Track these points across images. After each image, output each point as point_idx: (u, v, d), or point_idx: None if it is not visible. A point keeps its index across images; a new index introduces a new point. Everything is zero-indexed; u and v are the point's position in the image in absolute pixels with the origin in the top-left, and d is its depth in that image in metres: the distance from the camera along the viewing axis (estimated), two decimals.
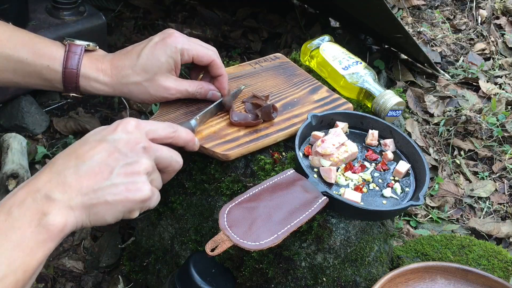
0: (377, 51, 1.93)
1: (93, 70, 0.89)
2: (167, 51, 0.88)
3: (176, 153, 0.76)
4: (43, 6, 1.60)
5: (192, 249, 1.00)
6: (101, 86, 0.90)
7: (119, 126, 0.71)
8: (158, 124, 0.75)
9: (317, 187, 0.82)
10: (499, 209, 1.48)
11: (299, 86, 1.06)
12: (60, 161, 0.67)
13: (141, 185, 0.69)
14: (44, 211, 0.63)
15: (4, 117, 1.54)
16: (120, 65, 0.89)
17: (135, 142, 0.70)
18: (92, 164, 0.67)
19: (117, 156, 0.68)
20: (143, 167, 0.69)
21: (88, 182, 0.66)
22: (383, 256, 0.92)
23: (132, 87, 0.90)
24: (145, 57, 0.88)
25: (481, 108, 1.74)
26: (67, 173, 0.66)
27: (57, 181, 0.65)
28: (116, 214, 0.68)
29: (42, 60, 0.87)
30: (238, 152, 0.89)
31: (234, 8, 2.12)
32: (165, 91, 0.90)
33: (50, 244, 0.63)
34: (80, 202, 0.65)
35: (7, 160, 1.36)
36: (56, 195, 0.64)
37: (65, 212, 0.64)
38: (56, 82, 0.89)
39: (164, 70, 0.89)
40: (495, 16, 2.23)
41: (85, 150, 0.68)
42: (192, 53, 0.90)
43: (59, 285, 1.20)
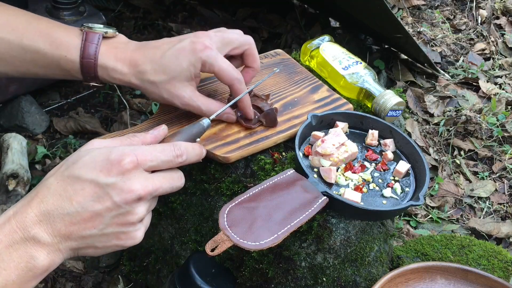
0: (377, 51, 1.93)
1: (111, 60, 0.85)
2: (191, 59, 0.83)
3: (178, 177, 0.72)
4: (43, 6, 1.60)
5: (192, 249, 1.00)
6: (119, 75, 0.86)
7: (115, 167, 0.65)
8: (161, 157, 0.70)
9: (317, 187, 0.82)
10: (499, 209, 1.48)
11: (299, 84, 1.06)
12: (50, 198, 0.64)
13: (133, 233, 0.68)
14: (32, 255, 0.62)
15: (4, 117, 1.54)
16: (140, 58, 0.85)
17: (130, 191, 0.65)
18: (82, 211, 0.64)
19: (109, 206, 0.65)
20: (136, 217, 0.67)
21: (77, 229, 0.64)
22: (383, 256, 0.92)
23: (147, 85, 0.86)
24: (168, 59, 0.84)
25: (481, 108, 1.74)
26: (57, 217, 0.64)
27: (46, 223, 0.63)
28: (103, 253, 0.69)
29: (60, 50, 0.84)
30: (238, 155, 0.89)
31: (234, 8, 2.12)
32: (177, 99, 0.86)
33: (33, 283, 0.63)
34: (69, 245, 0.65)
35: (7, 160, 1.36)
36: (45, 239, 0.63)
37: (53, 255, 0.64)
38: (75, 72, 0.86)
39: (183, 77, 0.85)
40: (495, 16, 2.23)
41: (75, 191, 0.64)
42: (213, 69, 0.85)
43: (59, 285, 1.20)
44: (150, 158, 0.68)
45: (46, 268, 0.64)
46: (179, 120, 0.93)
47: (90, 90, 1.72)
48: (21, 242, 0.62)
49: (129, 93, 1.72)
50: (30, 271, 0.62)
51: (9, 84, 1.49)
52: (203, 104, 0.87)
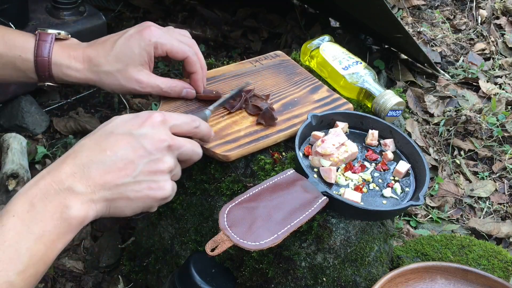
0: (377, 51, 1.93)
1: (65, 57, 0.88)
2: (141, 43, 0.88)
3: (197, 145, 0.77)
4: (43, 6, 1.60)
5: (192, 249, 1.00)
6: (74, 72, 0.89)
7: (146, 121, 0.70)
8: (182, 118, 0.76)
9: (317, 187, 0.82)
10: (499, 209, 1.48)
11: (299, 85, 1.06)
12: (84, 153, 0.67)
13: (163, 183, 0.70)
14: (66, 204, 0.64)
15: (4, 117, 1.54)
16: (93, 53, 0.89)
17: (160, 140, 0.70)
18: (116, 160, 0.67)
19: (142, 153, 0.68)
20: (166, 165, 0.70)
21: (112, 178, 0.66)
22: (383, 256, 0.92)
23: (103, 76, 0.89)
24: (119, 48, 0.88)
25: (481, 108, 1.74)
26: (91, 167, 0.66)
27: (80, 174, 0.65)
28: (135, 209, 0.70)
29: (14, 50, 0.87)
30: (238, 153, 0.89)
31: (234, 8, 2.13)
32: (136, 84, 0.89)
33: (69, 235, 0.64)
34: (103, 196, 0.66)
35: (7, 160, 1.36)
36: (79, 189, 0.65)
37: (87, 206, 0.65)
38: (30, 72, 0.88)
39: (137, 62, 0.88)
40: (495, 16, 2.23)
41: (110, 143, 0.68)
42: (165, 48, 0.89)
43: (59, 285, 1.20)
44: (174, 117, 0.74)
45: (80, 219, 0.64)
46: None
47: (90, 90, 1.72)
48: (55, 193, 0.63)
49: None
50: (65, 222, 0.63)
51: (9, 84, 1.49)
52: (162, 83, 0.91)
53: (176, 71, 1.82)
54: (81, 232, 1.29)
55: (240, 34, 2.01)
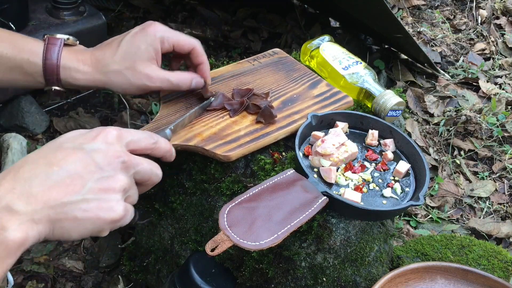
0: (377, 51, 1.93)
1: (73, 61, 0.88)
2: (147, 39, 0.88)
3: (156, 166, 0.71)
4: (43, 6, 1.60)
5: (192, 249, 1.00)
6: (82, 76, 0.88)
7: (99, 135, 0.65)
8: (139, 134, 0.71)
9: (317, 187, 0.82)
10: (499, 209, 1.48)
11: (298, 81, 1.06)
12: (27, 167, 0.61)
13: (114, 203, 0.63)
14: (3, 225, 0.57)
15: (4, 117, 1.54)
16: (100, 55, 0.89)
17: (114, 156, 0.64)
18: (64, 174, 0.61)
19: (93, 169, 0.62)
20: (119, 184, 0.64)
21: (57, 194, 0.60)
22: (383, 256, 0.92)
23: (112, 76, 0.88)
24: (125, 46, 0.88)
25: (481, 108, 1.74)
26: (34, 182, 0.59)
27: (21, 190, 0.59)
28: (83, 232, 0.63)
29: (22, 54, 0.86)
30: (239, 153, 0.89)
31: (234, 8, 2.13)
32: (146, 79, 0.88)
33: (9, 260, 0.58)
34: (46, 215, 0.59)
35: (7, 160, 1.36)
36: (18, 207, 0.58)
37: (27, 226, 0.58)
38: (38, 76, 0.87)
39: (145, 58, 0.88)
40: (495, 16, 2.23)
41: (57, 157, 0.62)
42: (172, 41, 0.90)
43: (59, 285, 1.20)
44: (130, 133, 0.69)
45: (19, 242, 0.57)
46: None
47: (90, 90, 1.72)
48: None
49: None
50: (1, 244, 0.56)
51: None
52: (171, 76, 0.90)
53: None
54: None
55: (240, 34, 2.01)
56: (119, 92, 0.92)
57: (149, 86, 0.90)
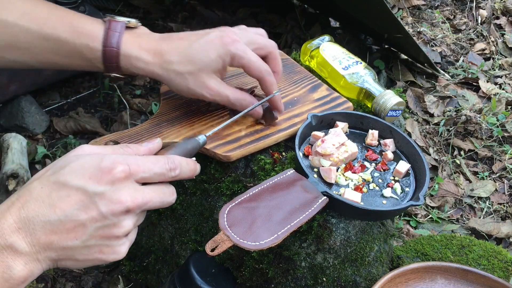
0: (377, 51, 1.93)
1: (135, 48, 0.83)
2: (220, 50, 0.83)
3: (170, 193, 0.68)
4: None
5: (192, 249, 1.00)
6: (143, 65, 0.84)
7: (105, 175, 0.62)
8: (155, 169, 0.66)
9: (317, 187, 0.82)
10: (499, 209, 1.48)
11: (298, 84, 1.06)
12: (32, 204, 0.61)
13: (117, 248, 0.64)
14: (8, 265, 0.59)
15: (4, 117, 1.54)
16: (166, 48, 0.84)
17: (119, 202, 0.61)
18: (65, 220, 0.60)
19: (95, 216, 0.61)
20: (123, 230, 0.63)
21: (58, 239, 0.61)
22: (383, 256, 0.92)
23: (173, 75, 0.84)
24: (195, 50, 0.83)
25: (481, 108, 1.74)
26: (37, 224, 0.60)
27: (25, 231, 0.60)
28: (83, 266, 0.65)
29: (82, 38, 0.82)
30: (239, 153, 0.89)
31: (234, 8, 2.13)
32: (205, 90, 0.85)
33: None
34: (48, 256, 0.61)
35: (7, 160, 1.36)
36: (22, 248, 0.59)
37: (31, 265, 0.60)
38: (97, 62, 0.84)
39: (211, 68, 0.84)
40: (495, 16, 2.23)
41: (60, 198, 0.61)
42: (242, 62, 0.85)
43: (59, 285, 1.20)
44: (142, 169, 0.65)
45: (23, 279, 0.60)
46: (180, 121, 0.93)
47: (90, 90, 1.72)
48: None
49: (129, 93, 1.72)
50: (6, 282, 0.59)
51: (9, 84, 1.49)
52: (231, 93, 0.86)
53: None
54: None
55: None
56: (174, 91, 0.88)
57: (206, 97, 0.86)
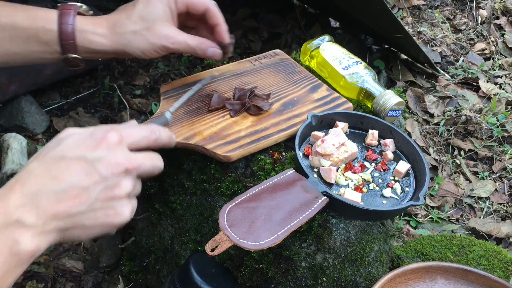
0: (377, 51, 1.93)
1: (89, 24, 0.87)
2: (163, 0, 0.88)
3: (157, 159, 0.72)
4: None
5: (192, 249, 1.00)
6: (99, 38, 0.87)
7: (100, 143, 0.65)
8: (140, 132, 0.71)
9: (317, 187, 0.82)
10: (499, 209, 1.48)
11: (299, 84, 1.06)
12: (33, 180, 0.62)
13: (121, 209, 0.66)
14: (15, 239, 0.59)
15: (4, 117, 1.54)
16: (116, 17, 0.89)
17: (117, 164, 0.65)
18: (69, 187, 0.62)
19: (97, 179, 0.63)
20: (124, 190, 0.66)
21: (64, 207, 0.62)
22: (383, 256, 0.92)
23: (130, 36, 0.88)
24: (141, 6, 0.88)
25: (481, 108, 1.74)
26: (41, 196, 0.61)
27: (30, 205, 0.60)
28: (91, 235, 0.66)
29: (37, 22, 0.85)
30: (239, 154, 0.89)
31: (234, 8, 2.13)
32: (165, 39, 0.88)
33: (20, 269, 0.61)
34: (55, 226, 0.62)
35: (7, 160, 1.36)
36: (29, 221, 0.60)
37: (38, 238, 0.61)
38: (54, 43, 0.86)
39: (162, 18, 0.88)
40: (495, 16, 2.23)
41: (60, 169, 0.63)
42: (185, 1, 0.89)
43: (59, 285, 1.20)
44: (131, 134, 0.69)
45: (31, 253, 0.60)
46: (180, 121, 0.93)
47: (90, 90, 1.72)
48: (4, 227, 0.59)
49: (129, 93, 1.72)
50: (15, 256, 0.59)
51: (9, 84, 1.49)
52: (189, 38, 0.89)
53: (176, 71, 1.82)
54: None
55: (240, 34, 2.01)
56: (138, 55, 0.90)
57: (167, 47, 0.89)
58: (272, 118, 0.96)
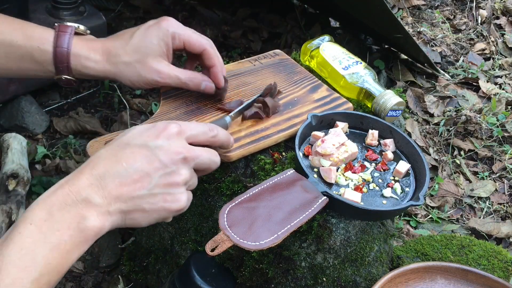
0: (377, 51, 1.93)
1: (84, 49, 0.88)
2: (159, 33, 0.88)
3: (215, 154, 0.76)
4: (43, 6, 1.60)
5: (192, 249, 1.00)
6: (93, 64, 0.88)
7: (162, 133, 0.70)
8: (199, 128, 0.75)
9: (317, 187, 0.82)
10: (499, 209, 1.48)
11: (299, 84, 1.06)
12: (101, 163, 0.67)
13: (178, 196, 0.70)
14: (83, 215, 0.64)
15: (4, 117, 1.54)
16: (111, 45, 0.89)
17: (176, 152, 0.69)
18: (132, 172, 0.67)
19: (157, 166, 0.68)
20: (182, 178, 0.70)
21: (127, 190, 0.66)
22: (383, 256, 0.92)
23: (122, 67, 0.89)
24: (137, 38, 0.88)
25: (481, 108, 1.74)
26: (108, 178, 0.66)
27: (97, 185, 0.65)
28: (150, 220, 0.70)
29: (33, 41, 0.86)
30: (239, 154, 0.89)
31: (234, 8, 2.13)
32: (156, 74, 0.89)
33: (85, 246, 0.65)
34: (118, 208, 0.66)
35: (7, 160, 1.36)
36: (96, 200, 0.65)
37: (103, 217, 0.65)
38: (48, 64, 0.87)
39: (156, 53, 0.89)
40: (495, 16, 2.23)
41: (126, 155, 0.68)
42: (183, 38, 0.90)
43: (59, 285, 1.20)
44: (190, 127, 0.74)
45: (97, 230, 0.65)
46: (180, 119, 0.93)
47: (90, 90, 1.72)
48: (73, 204, 0.64)
49: (129, 93, 1.72)
50: (81, 232, 0.63)
51: (9, 84, 1.49)
52: (181, 73, 0.91)
53: None
54: None
55: (240, 34, 2.01)
56: (128, 84, 0.91)
57: (158, 81, 0.90)
58: (272, 118, 0.96)
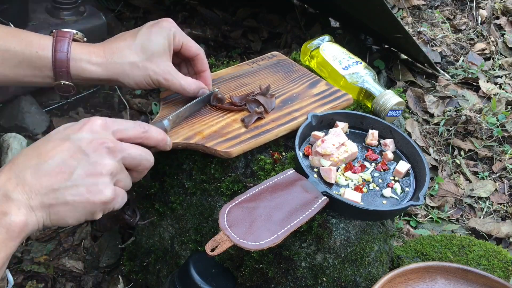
0: (377, 51, 1.93)
1: (84, 52, 0.87)
2: (163, 33, 0.88)
3: (146, 151, 0.73)
4: (43, 6, 1.60)
5: (192, 249, 1.00)
6: (93, 67, 0.87)
7: (85, 125, 0.69)
8: (127, 123, 0.73)
9: (317, 187, 0.82)
10: (499, 209, 1.48)
11: (297, 81, 1.07)
12: (21, 159, 0.66)
13: (102, 186, 0.67)
14: (4, 211, 0.62)
15: (4, 117, 1.54)
16: (115, 46, 0.88)
17: (99, 142, 0.68)
18: (53, 164, 0.65)
19: (79, 156, 0.66)
20: (106, 168, 0.67)
21: (48, 182, 0.65)
22: (383, 256, 0.92)
23: (127, 67, 0.87)
24: (143, 38, 0.88)
25: (481, 108, 1.74)
26: (27, 172, 0.64)
27: (16, 180, 0.64)
28: (77, 216, 0.67)
29: (31, 47, 0.85)
30: (240, 149, 0.89)
31: (234, 8, 2.13)
32: (162, 75, 0.88)
33: (11, 243, 0.63)
34: (40, 202, 0.64)
35: (7, 160, 1.36)
36: (15, 195, 0.63)
37: (25, 212, 0.63)
38: (46, 70, 0.86)
39: (162, 52, 0.88)
40: (495, 16, 2.23)
41: (47, 148, 0.67)
42: (182, 39, 0.91)
43: (59, 285, 1.20)
44: (116, 122, 0.72)
45: (20, 226, 0.63)
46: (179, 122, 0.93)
47: (90, 90, 1.72)
48: None
49: (129, 93, 1.72)
50: (3, 228, 0.62)
51: None
52: (182, 78, 0.91)
53: None
54: (81, 232, 1.29)
55: (240, 34, 2.01)
56: (129, 85, 0.90)
57: (161, 82, 0.90)
58: (271, 114, 0.96)
